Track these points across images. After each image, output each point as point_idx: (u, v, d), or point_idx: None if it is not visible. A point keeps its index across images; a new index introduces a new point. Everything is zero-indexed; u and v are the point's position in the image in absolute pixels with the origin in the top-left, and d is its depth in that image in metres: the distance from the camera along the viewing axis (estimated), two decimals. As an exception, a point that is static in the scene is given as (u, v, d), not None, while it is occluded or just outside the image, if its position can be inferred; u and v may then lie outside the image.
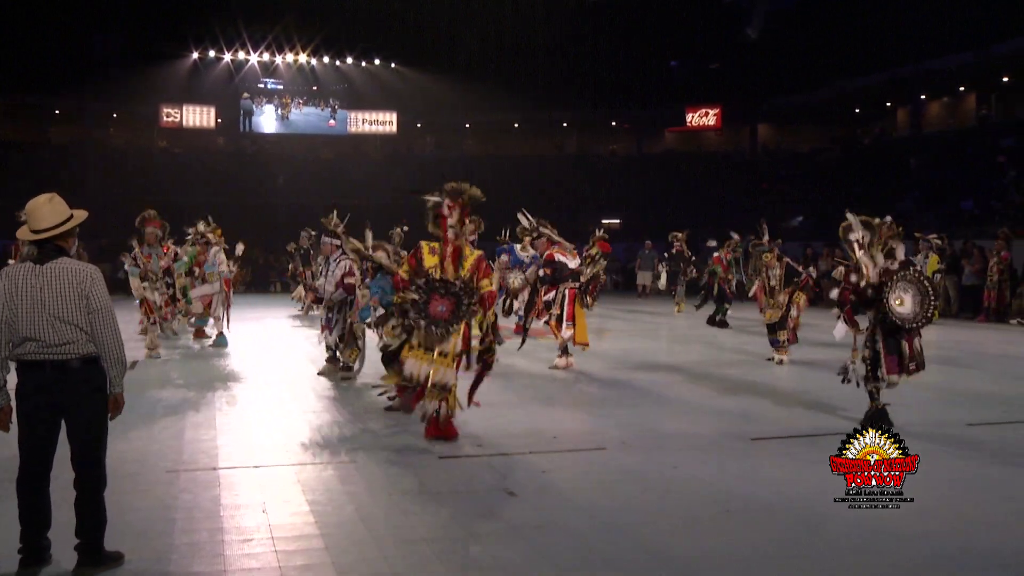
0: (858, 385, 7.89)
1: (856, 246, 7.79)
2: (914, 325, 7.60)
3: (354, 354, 10.52)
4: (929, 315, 7.60)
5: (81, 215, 4.64)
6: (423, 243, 7.41)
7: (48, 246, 4.51)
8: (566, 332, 11.31)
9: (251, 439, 7.50)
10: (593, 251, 12.13)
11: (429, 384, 7.11)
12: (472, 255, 7.36)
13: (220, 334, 13.90)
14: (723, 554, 4.82)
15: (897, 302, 7.56)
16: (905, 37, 30.88)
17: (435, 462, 6.69)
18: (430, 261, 7.27)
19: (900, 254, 7.82)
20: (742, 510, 5.52)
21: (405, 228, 14.84)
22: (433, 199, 7.39)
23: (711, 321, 16.99)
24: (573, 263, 11.55)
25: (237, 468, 6.51)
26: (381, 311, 8.89)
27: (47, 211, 4.52)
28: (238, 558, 4.71)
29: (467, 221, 7.37)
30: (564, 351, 11.43)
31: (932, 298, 7.59)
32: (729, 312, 17.11)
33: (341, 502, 5.67)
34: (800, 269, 12.33)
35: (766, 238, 12.45)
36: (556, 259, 11.44)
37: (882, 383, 7.80)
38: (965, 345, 14.44)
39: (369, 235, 10.12)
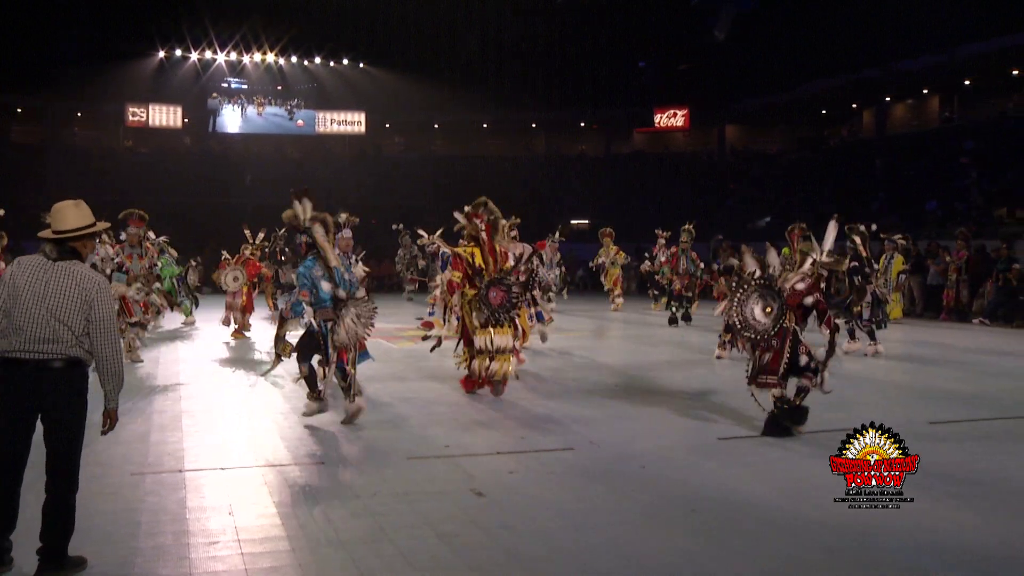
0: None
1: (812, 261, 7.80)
2: (760, 337, 7.48)
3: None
4: (776, 328, 7.46)
5: (102, 224, 4.92)
6: (468, 247, 9.16)
7: (65, 248, 4.57)
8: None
9: (217, 441, 7.44)
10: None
11: (495, 348, 8.81)
12: (500, 250, 9.32)
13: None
14: (691, 553, 4.85)
15: (766, 311, 7.42)
16: (870, 40, 31.29)
17: (403, 463, 6.68)
18: (479, 259, 9.01)
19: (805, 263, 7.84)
20: (709, 509, 5.55)
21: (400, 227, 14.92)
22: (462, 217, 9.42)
23: (673, 321, 17.10)
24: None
25: (203, 470, 6.46)
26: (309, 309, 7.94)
27: (72, 214, 4.61)
28: (204, 561, 4.68)
29: (497, 227, 9.34)
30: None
31: (784, 312, 7.43)
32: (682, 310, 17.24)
33: (308, 504, 5.64)
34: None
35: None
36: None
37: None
38: (928, 344, 14.63)
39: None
